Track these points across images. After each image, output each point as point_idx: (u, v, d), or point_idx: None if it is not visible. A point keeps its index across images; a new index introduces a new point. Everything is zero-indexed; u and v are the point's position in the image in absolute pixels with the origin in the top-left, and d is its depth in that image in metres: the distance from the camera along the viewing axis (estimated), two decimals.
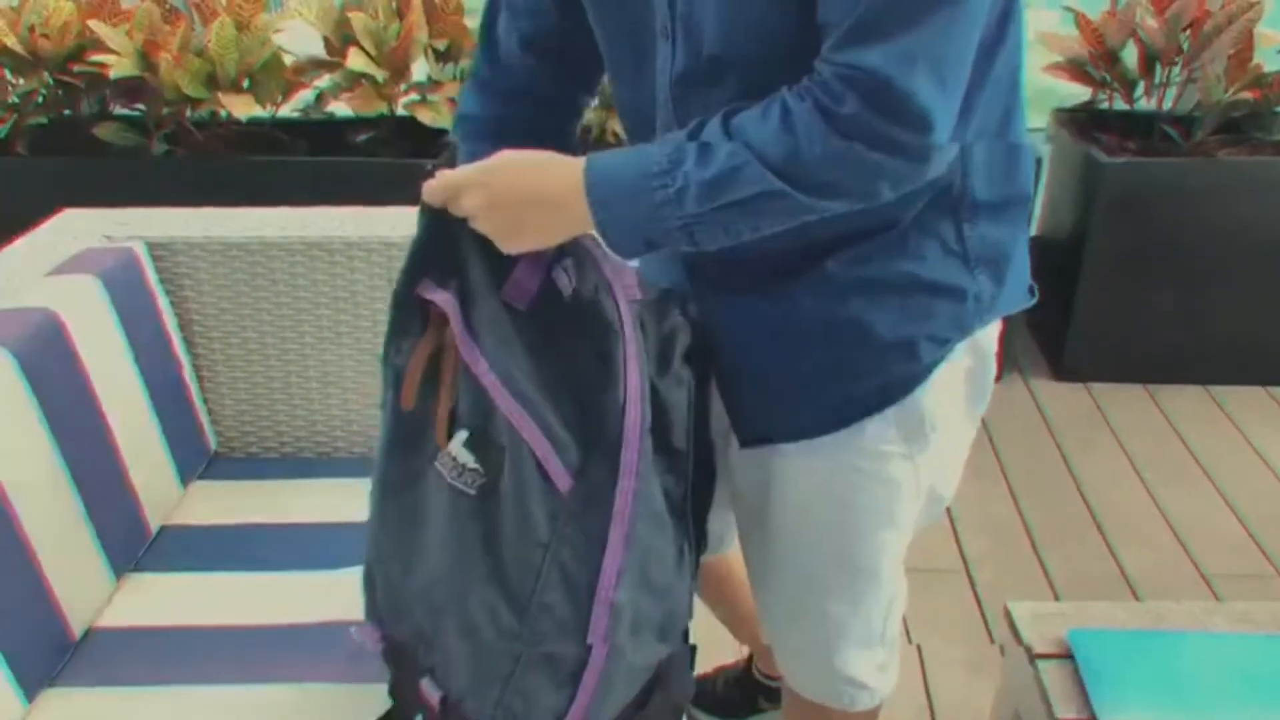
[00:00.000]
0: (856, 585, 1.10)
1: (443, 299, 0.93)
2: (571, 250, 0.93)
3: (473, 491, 0.94)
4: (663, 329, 0.96)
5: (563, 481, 0.91)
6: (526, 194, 0.90)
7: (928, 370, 0.99)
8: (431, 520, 0.99)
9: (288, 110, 2.63)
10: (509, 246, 0.91)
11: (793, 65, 0.82)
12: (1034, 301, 1.05)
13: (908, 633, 1.93)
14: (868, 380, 0.99)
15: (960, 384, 1.03)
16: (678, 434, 0.98)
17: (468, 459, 0.94)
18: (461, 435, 0.94)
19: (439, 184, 0.91)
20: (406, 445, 1.00)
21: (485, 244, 0.92)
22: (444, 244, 0.95)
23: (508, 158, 0.91)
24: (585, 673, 0.95)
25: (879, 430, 1.00)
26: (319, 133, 2.66)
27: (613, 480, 0.91)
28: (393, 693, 1.12)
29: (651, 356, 0.95)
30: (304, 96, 2.61)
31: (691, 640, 1.16)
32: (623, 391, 0.91)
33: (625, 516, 0.91)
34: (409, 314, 0.97)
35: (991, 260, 0.98)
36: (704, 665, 1.66)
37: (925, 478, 1.05)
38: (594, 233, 0.89)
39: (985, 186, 0.95)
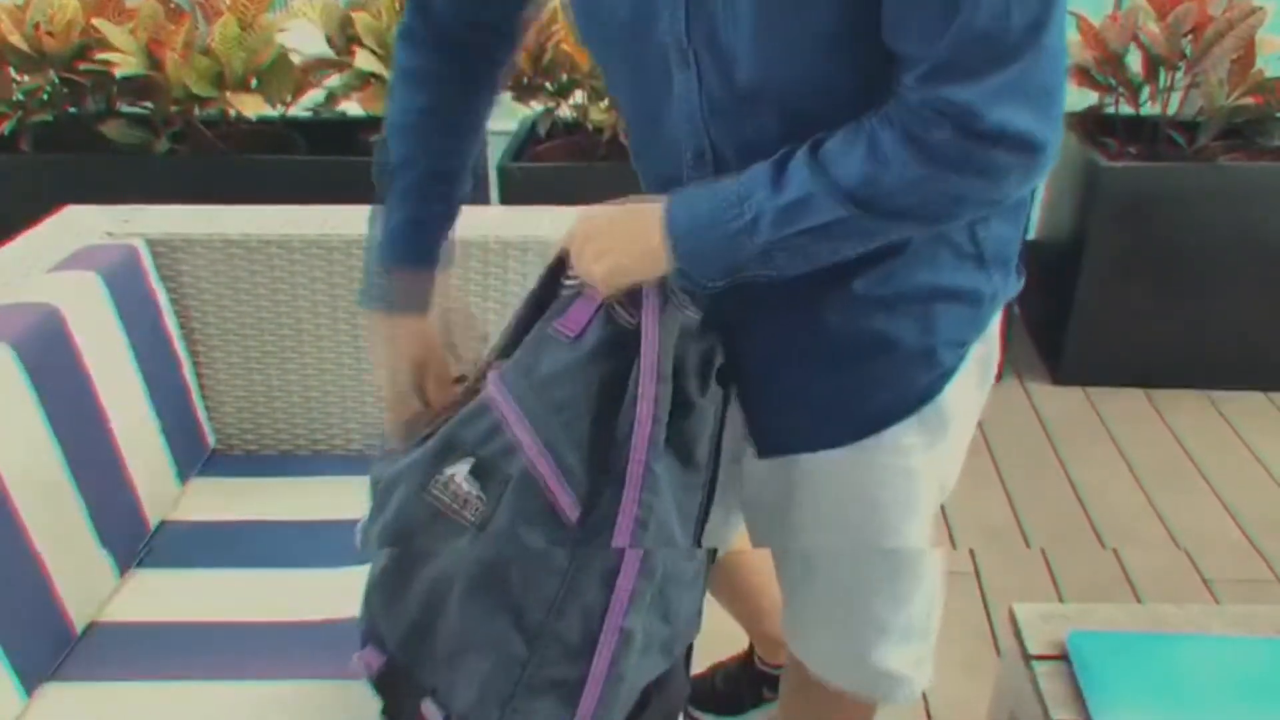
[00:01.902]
0: (898, 582, 1.10)
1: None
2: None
3: (474, 521, 0.92)
4: (703, 346, 0.96)
5: (572, 511, 0.90)
6: (615, 227, 0.92)
7: (950, 374, 0.99)
8: (427, 553, 0.96)
9: (300, 109, 2.63)
10: (597, 277, 0.92)
11: (841, 92, 0.82)
12: (1022, 283, 1.06)
13: None
14: (893, 390, 1.00)
15: (973, 371, 1.03)
16: (701, 450, 0.97)
17: (472, 488, 0.92)
18: (466, 463, 0.92)
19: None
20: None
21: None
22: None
23: (591, 208, 0.94)
24: (584, 694, 0.93)
25: (902, 428, 1.01)
26: (331, 132, 2.66)
27: (617, 509, 0.90)
28: (386, 714, 1.10)
29: (693, 372, 0.95)
30: (314, 96, 2.60)
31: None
32: (631, 421, 0.90)
33: (632, 546, 0.90)
34: None
35: (1003, 258, 1.00)
36: (700, 664, 1.66)
37: (940, 464, 1.06)
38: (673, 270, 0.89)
39: None
